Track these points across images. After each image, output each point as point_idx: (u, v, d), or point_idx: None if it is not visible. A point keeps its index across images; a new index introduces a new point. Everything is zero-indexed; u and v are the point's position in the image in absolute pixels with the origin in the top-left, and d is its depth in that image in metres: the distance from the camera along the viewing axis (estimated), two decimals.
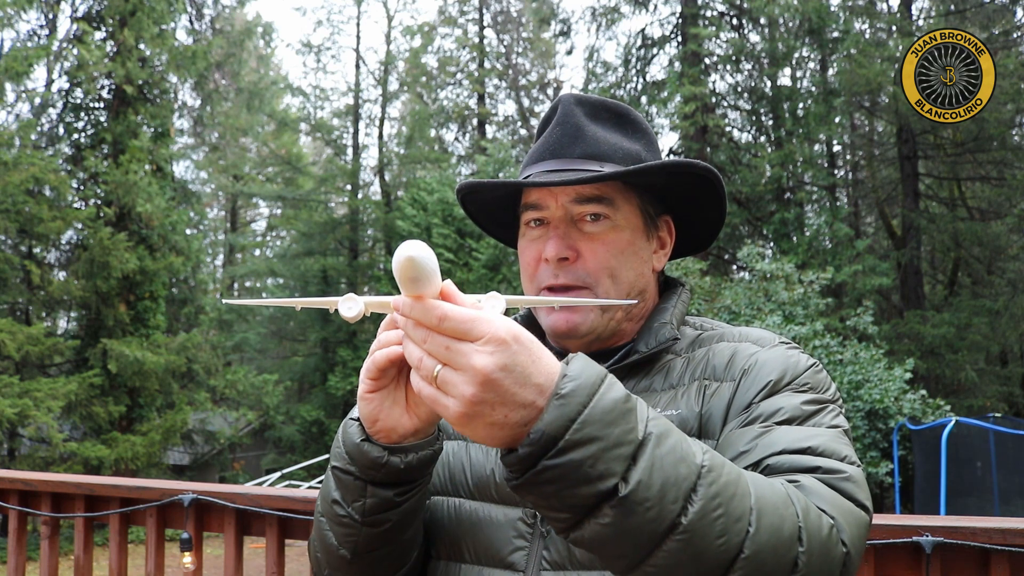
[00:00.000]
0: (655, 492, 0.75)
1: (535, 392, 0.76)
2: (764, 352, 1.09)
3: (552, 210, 1.14)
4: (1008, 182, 16.96)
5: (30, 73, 15.09)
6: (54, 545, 2.70)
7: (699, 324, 1.21)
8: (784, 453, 0.94)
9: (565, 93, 1.22)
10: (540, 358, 0.77)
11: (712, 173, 1.16)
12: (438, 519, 1.14)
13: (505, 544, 1.06)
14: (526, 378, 0.75)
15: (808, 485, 0.89)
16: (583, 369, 0.78)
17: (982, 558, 1.77)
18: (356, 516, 1.02)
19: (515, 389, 0.75)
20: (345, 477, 1.02)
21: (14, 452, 14.64)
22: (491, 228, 1.35)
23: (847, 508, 0.89)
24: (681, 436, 0.81)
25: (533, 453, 0.75)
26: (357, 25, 30.21)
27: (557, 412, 0.75)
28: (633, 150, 1.17)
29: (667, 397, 1.08)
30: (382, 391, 0.95)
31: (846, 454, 0.96)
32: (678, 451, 0.78)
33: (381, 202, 24.89)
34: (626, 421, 0.77)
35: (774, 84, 20.09)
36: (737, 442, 0.98)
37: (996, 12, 17.10)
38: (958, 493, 10.41)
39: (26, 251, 15.72)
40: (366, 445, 0.98)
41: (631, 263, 1.15)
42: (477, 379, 0.74)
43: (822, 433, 0.97)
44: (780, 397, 1.03)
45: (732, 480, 0.80)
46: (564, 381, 0.76)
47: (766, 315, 11.96)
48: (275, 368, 23.46)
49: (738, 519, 0.78)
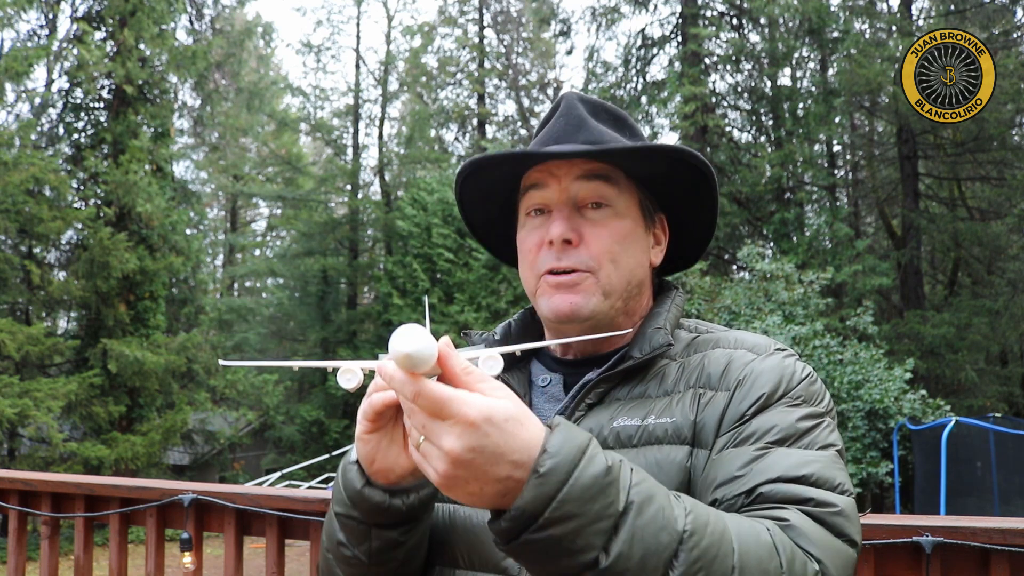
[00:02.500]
0: (635, 563, 0.77)
1: (511, 468, 0.77)
2: (759, 361, 1.09)
3: (555, 191, 1.14)
4: (1008, 182, 16.97)
5: (30, 73, 15.10)
6: (54, 545, 2.70)
7: (693, 327, 1.21)
8: (779, 481, 0.94)
9: (568, 91, 1.24)
10: (516, 435, 0.77)
11: (709, 169, 1.17)
12: (433, 525, 1.14)
13: (497, 549, 1.07)
14: (498, 457, 0.76)
15: (797, 524, 0.90)
16: (563, 444, 0.78)
17: (982, 558, 1.77)
18: (363, 558, 1.04)
19: (487, 468, 0.77)
20: (349, 522, 1.03)
21: (14, 452, 14.65)
22: (486, 237, 1.35)
23: (835, 548, 0.90)
24: (664, 501, 0.82)
25: (514, 528, 0.78)
26: (357, 25, 30.23)
27: (536, 491, 0.76)
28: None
29: (662, 404, 1.08)
30: (379, 432, 0.96)
31: (840, 482, 0.96)
32: (659, 519, 0.80)
33: (381, 202, 24.89)
34: (605, 496, 0.78)
35: (774, 84, 20.09)
36: (731, 465, 0.98)
37: (996, 12, 17.11)
38: (958, 493, 10.40)
39: (26, 251, 15.73)
40: (367, 490, 0.99)
41: (632, 251, 1.15)
42: (447, 459, 0.77)
43: (817, 458, 0.98)
44: (775, 413, 1.02)
45: (715, 541, 0.81)
46: (544, 458, 0.77)
47: (766, 315, 11.95)
48: (275, 368, 23.45)
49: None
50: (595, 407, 1.10)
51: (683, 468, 1.02)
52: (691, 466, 1.02)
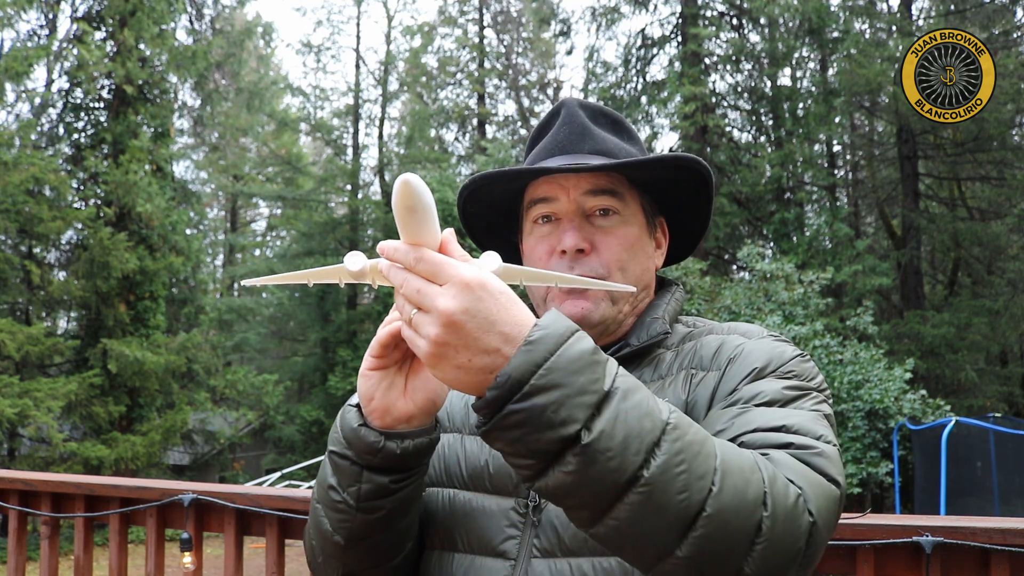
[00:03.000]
0: (617, 443, 0.77)
1: (500, 340, 0.79)
2: (751, 343, 1.11)
3: (563, 204, 1.16)
4: (1008, 182, 16.97)
5: (30, 73, 15.10)
6: (54, 545, 2.70)
7: (691, 322, 1.24)
8: (758, 431, 0.95)
9: (568, 97, 1.26)
10: (508, 308, 0.80)
11: (711, 174, 1.20)
12: (433, 509, 1.16)
13: (497, 533, 1.08)
14: (490, 324, 0.78)
15: (778, 458, 0.90)
16: (554, 320, 0.81)
17: (982, 558, 1.77)
18: (351, 501, 1.04)
19: (478, 334, 0.78)
20: (342, 462, 1.04)
21: (14, 452, 14.64)
22: (489, 243, 1.32)
23: (816, 480, 0.89)
24: (648, 394, 0.83)
25: (499, 396, 0.78)
26: (357, 25, 30.27)
27: (524, 358, 0.77)
28: (632, 153, 1.22)
29: (655, 387, 1.11)
30: (383, 371, 0.98)
31: (822, 433, 0.96)
32: (644, 406, 0.80)
33: (381, 202, 24.89)
34: (591, 371, 0.79)
35: (774, 84, 20.09)
36: (715, 421, 1.00)
37: (996, 12, 17.10)
38: (958, 493, 10.40)
39: (26, 251, 15.72)
40: (363, 430, 1.00)
41: (638, 258, 1.18)
42: (440, 320, 0.78)
43: (800, 414, 0.98)
44: (763, 382, 1.04)
45: (698, 440, 0.82)
46: (534, 330, 0.79)
47: (766, 315, 11.96)
48: (275, 368, 23.47)
49: (701, 476, 0.79)
50: None
51: None
52: None
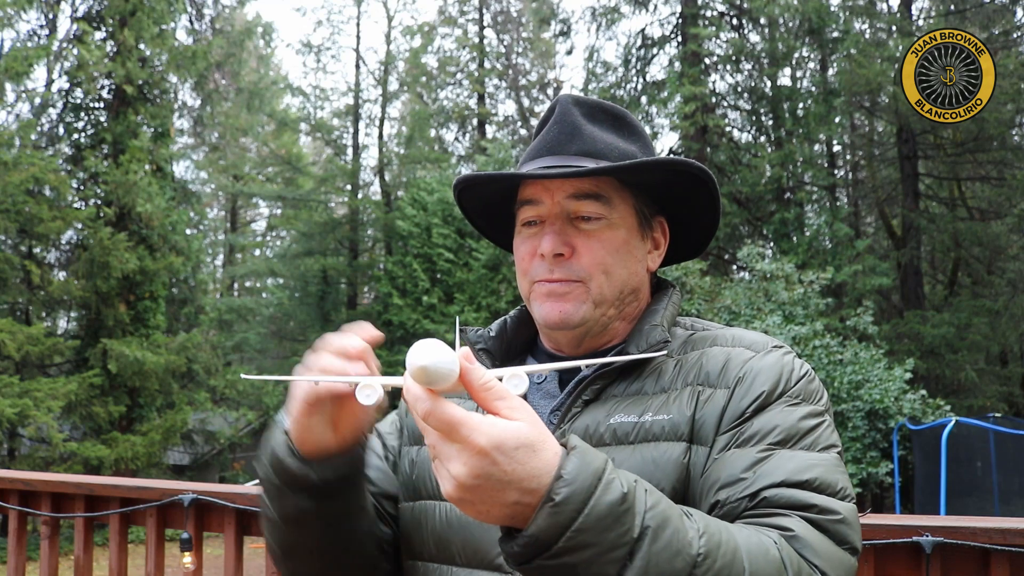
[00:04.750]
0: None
1: (519, 494, 0.77)
2: (758, 359, 1.09)
3: (547, 206, 1.14)
4: (1008, 182, 16.96)
5: (30, 73, 15.10)
6: (54, 545, 2.70)
7: (689, 324, 1.21)
8: (783, 486, 0.95)
9: (563, 94, 1.22)
10: (526, 463, 0.76)
11: (706, 174, 1.16)
12: (429, 523, 1.15)
13: (493, 546, 1.07)
14: (505, 485, 0.76)
15: (802, 535, 0.91)
16: (579, 470, 0.78)
17: (982, 558, 1.77)
18: (278, 517, 1.07)
19: (493, 494, 0.77)
20: (266, 481, 1.06)
21: (14, 452, 14.65)
22: (489, 231, 1.34)
23: (837, 558, 0.92)
24: (679, 523, 0.82)
25: (526, 553, 0.78)
26: (357, 25, 30.19)
27: (551, 520, 0.76)
28: (629, 151, 1.17)
29: (659, 401, 1.08)
30: (316, 416, 0.98)
31: (841, 486, 0.98)
32: (674, 544, 0.80)
33: (381, 202, 24.87)
34: (621, 524, 0.78)
35: (774, 84, 20.08)
36: (734, 467, 0.99)
37: (996, 12, 17.11)
38: (958, 493, 10.40)
39: (26, 251, 15.72)
40: (288, 460, 1.01)
41: (625, 261, 1.15)
42: (452, 483, 0.78)
43: (819, 462, 0.99)
44: (775, 412, 1.03)
45: (727, 563, 0.82)
46: (559, 485, 0.77)
47: (766, 315, 11.96)
48: (275, 368, 23.44)
49: None
50: (591, 404, 1.11)
51: (680, 465, 1.02)
52: (689, 463, 1.03)
